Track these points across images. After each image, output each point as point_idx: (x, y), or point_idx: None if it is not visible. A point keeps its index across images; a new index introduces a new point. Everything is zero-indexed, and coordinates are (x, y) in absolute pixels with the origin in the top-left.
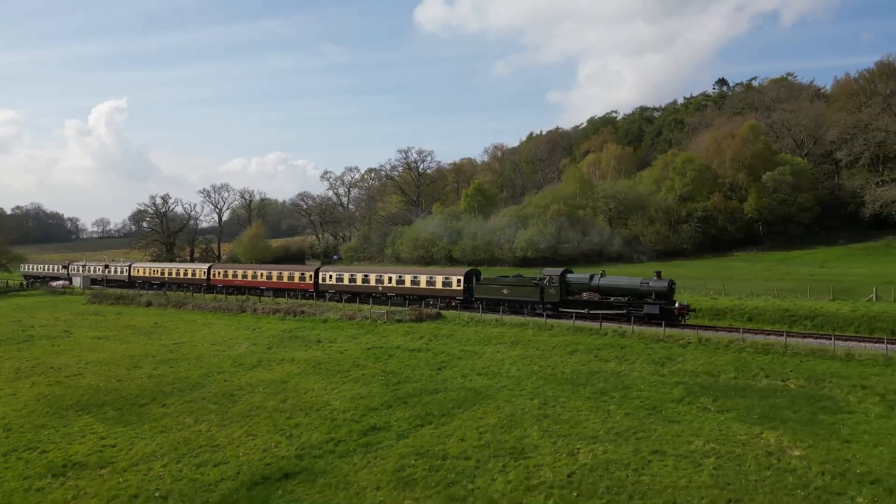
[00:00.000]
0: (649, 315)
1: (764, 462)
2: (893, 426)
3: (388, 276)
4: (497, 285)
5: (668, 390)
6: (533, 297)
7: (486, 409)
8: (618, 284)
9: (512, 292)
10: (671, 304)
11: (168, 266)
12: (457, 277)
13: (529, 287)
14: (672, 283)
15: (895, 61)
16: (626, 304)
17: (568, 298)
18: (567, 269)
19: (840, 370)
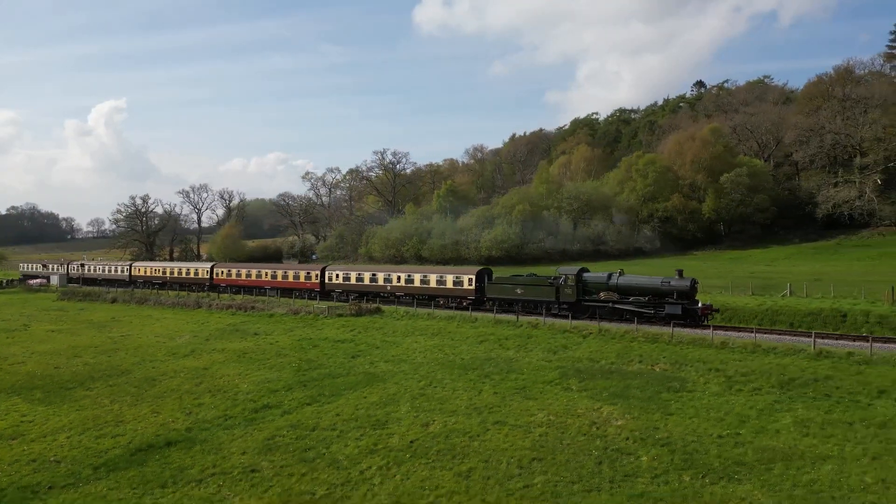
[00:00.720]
0: (671, 315)
1: (584, 430)
2: (720, 402)
3: (396, 275)
4: (510, 285)
5: (545, 373)
6: (548, 296)
7: (373, 390)
8: (637, 284)
9: (526, 292)
10: (694, 304)
11: (170, 265)
12: (468, 276)
13: (544, 287)
14: (695, 282)
15: (854, 66)
16: (646, 304)
17: (585, 298)
18: (583, 267)
19: (707, 356)
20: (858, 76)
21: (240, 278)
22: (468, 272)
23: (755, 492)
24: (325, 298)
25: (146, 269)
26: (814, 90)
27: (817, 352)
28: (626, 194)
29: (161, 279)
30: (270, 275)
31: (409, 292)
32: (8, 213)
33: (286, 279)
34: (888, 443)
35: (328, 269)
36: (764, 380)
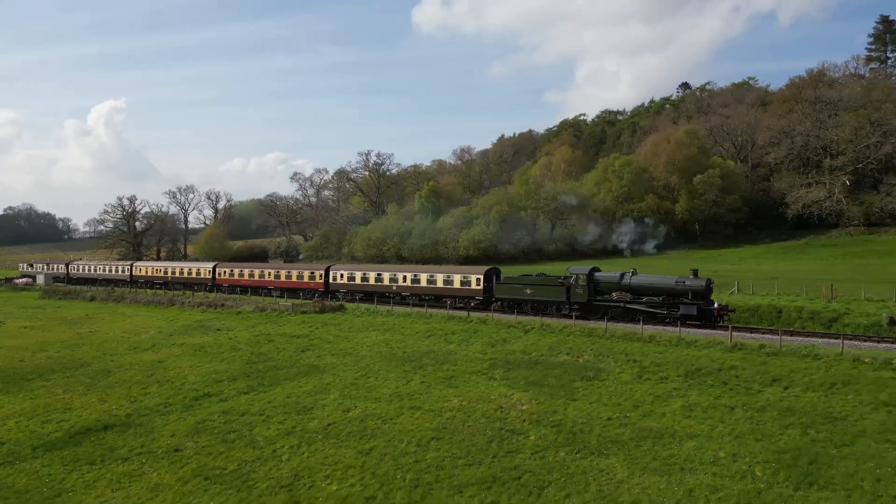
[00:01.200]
0: (686, 316)
1: (489, 413)
2: (624, 389)
3: (402, 274)
4: (519, 284)
5: (476, 365)
6: (558, 297)
7: (310, 380)
8: (651, 283)
9: (536, 292)
10: (710, 305)
11: (171, 265)
12: (476, 276)
13: (554, 287)
14: (710, 282)
15: (828, 69)
16: (660, 304)
17: (596, 298)
18: (595, 267)
19: (632, 349)
20: (831, 79)
21: (242, 278)
22: (476, 272)
23: (616, 464)
24: (330, 298)
25: (148, 269)
26: (787, 93)
27: (733, 344)
28: (602, 195)
29: (162, 279)
30: (274, 275)
31: (415, 292)
32: (5, 214)
33: (289, 279)
34: (757, 423)
35: (332, 268)
36: (673, 369)
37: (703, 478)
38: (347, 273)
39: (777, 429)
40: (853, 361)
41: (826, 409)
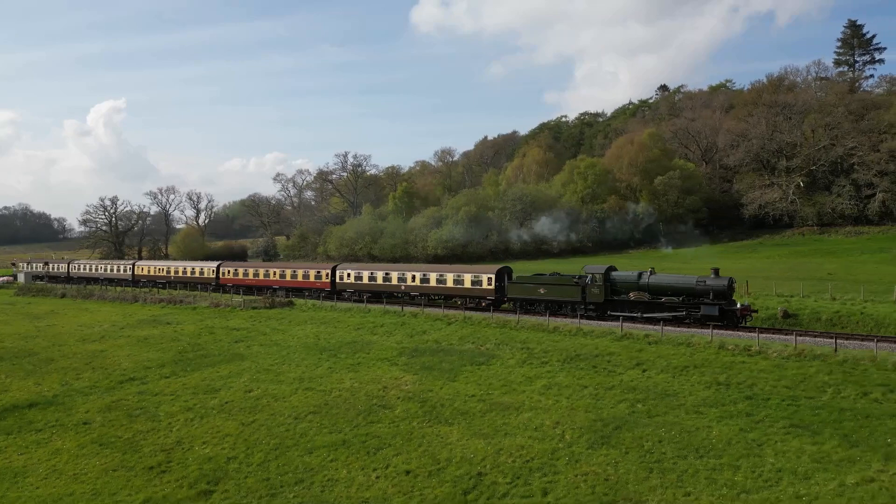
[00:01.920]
0: (707, 317)
1: (372, 392)
2: (504, 372)
3: (411, 274)
4: (533, 284)
5: (387, 353)
6: (573, 296)
7: (230, 367)
8: (670, 283)
9: (550, 292)
10: (732, 305)
11: (174, 264)
12: (487, 276)
13: (569, 286)
14: (732, 282)
15: (790, 74)
16: (680, 304)
17: (613, 298)
18: (611, 266)
19: (532, 338)
20: (790, 84)
21: (247, 278)
22: (487, 271)
23: (455, 431)
24: (337, 298)
25: (150, 269)
26: (747, 97)
27: (624, 334)
28: (567, 196)
29: (165, 279)
30: (279, 274)
31: (424, 292)
32: (1, 214)
33: (295, 279)
34: (596, 399)
35: (339, 267)
36: (556, 355)
37: (518, 440)
38: (354, 272)
39: (610, 403)
40: (718, 348)
41: (665, 388)
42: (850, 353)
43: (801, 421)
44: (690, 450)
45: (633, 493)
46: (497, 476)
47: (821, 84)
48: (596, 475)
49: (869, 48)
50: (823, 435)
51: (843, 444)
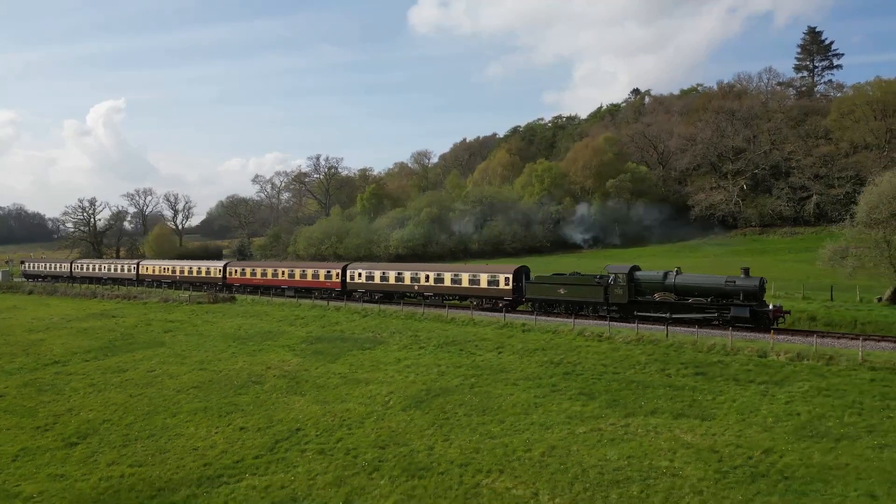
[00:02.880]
0: (738, 318)
1: (255, 372)
2: (379, 355)
3: (425, 273)
4: (552, 284)
5: (292, 341)
6: (595, 297)
7: (147, 353)
8: (698, 283)
9: (570, 292)
10: (763, 306)
11: (180, 264)
12: (504, 276)
13: (591, 287)
14: (763, 282)
15: (742, 80)
16: (708, 305)
17: (637, 299)
18: (635, 265)
19: (426, 327)
20: (739, 90)
21: (255, 277)
22: (504, 271)
23: (302, 399)
24: (346, 299)
25: (155, 269)
26: (698, 103)
27: (505, 323)
28: (526, 198)
29: (170, 278)
30: (288, 274)
31: (438, 292)
32: None
33: (304, 278)
34: (439, 374)
35: (350, 267)
36: (436, 341)
37: (348, 405)
38: (366, 272)
39: (448, 378)
40: (577, 335)
41: (503, 366)
42: (677, 338)
43: (589, 390)
44: (480, 411)
45: (404, 439)
46: (311, 430)
47: (769, 91)
48: (388, 429)
49: (827, 54)
50: (598, 400)
51: (605, 405)
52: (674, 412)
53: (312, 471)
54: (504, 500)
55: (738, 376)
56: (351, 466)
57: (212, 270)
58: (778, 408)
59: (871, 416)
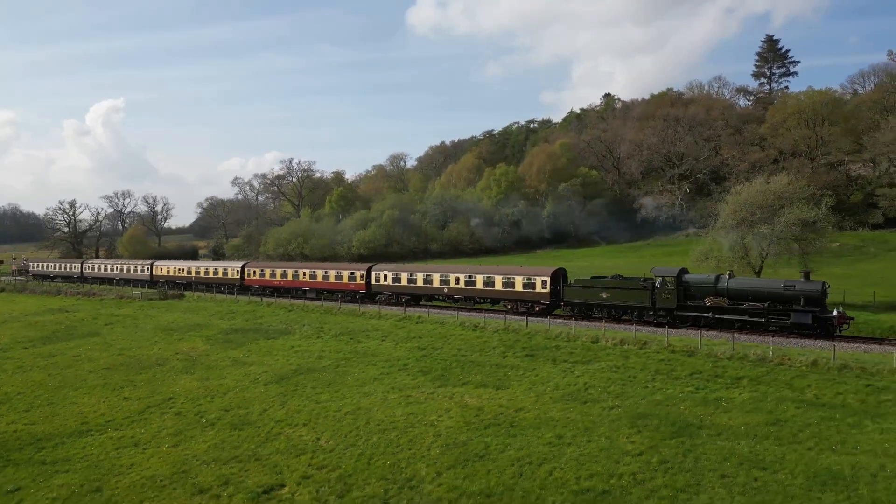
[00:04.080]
0: (798, 325)
1: (164, 356)
2: (281, 344)
3: (455, 276)
4: (594, 288)
5: (212, 332)
6: (641, 301)
7: (82, 342)
8: (753, 287)
9: (613, 296)
10: (826, 312)
11: (196, 265)
12: (541, 279)
13: (636, 290)
14: (825, 286)
15: (695, 87)
16: (765, 311)
17: (687, 304)
18: (684, 268)
19: (335, 320)
20: (687, 98)
21: (274, 279)
22: (541, 273)
23: (188, 378)
24: (370, 302)
25: (169, 269)
26: (648, 110)
27: (404, 317)
28: (485, 201)
29: (185, 279)
30: (309, 275)
31: (469, 295)
32: None
33: (326, 280)
34: (318, 358)
35: (375, 268)
36: (335, 331)
37: (225, 382)
38: (392, 273)
39: (325, 361)
40: (459, 325)
41: (376, 350)
42: (534, 326)
43: (429, 368)
44: (325, 384)
45: (247, 405)
46: (180, 399)
47: (714, 98)
48: (241, 398)
49: (784, 61)
50: (429, 375)
51: (431, 379)
52: (480, 384)
53: (162, 427)
54: (291, 440)
55: (558, 357)
56: (194, 423)
57: (229, 271)
58: (566, 380)
59: (632, 386)
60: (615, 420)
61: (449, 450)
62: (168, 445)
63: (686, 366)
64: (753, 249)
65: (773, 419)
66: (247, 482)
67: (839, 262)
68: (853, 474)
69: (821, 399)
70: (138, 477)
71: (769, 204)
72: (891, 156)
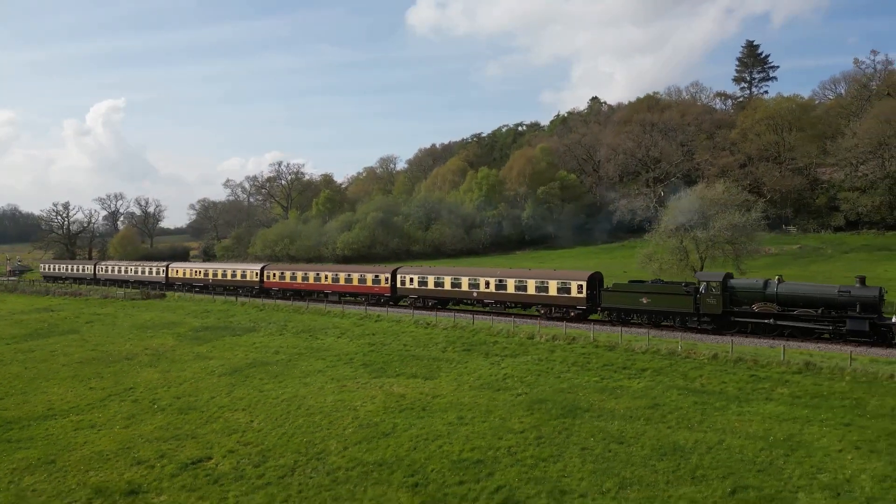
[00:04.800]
0: (854, 332)
1: (132, 351)
2: (246, 339)
3: (484, 279)
4: (634, 293)
5: (184, 329)
6: (684, 307)
7: (61, 338)
8: (805, 293)
9: (654, 301)
10: (884, 319)
11: (213, 266)
12: (577, 283)
13: (679, 296)
14: (882, 291)
15: (671, 93)
16: (818, 317)
17: (733, 310)
18: (729, 273)
19: (298, 318)
20: (665, 103)
21: (294, 281)
22: (577, 277)
23: (151, 370)
24: (395, 305)
25: (185, 271)
26: (624, 115)
27: (364, 315)
28: (467, 203)
29: (202, 282)
30: (331, 278)
31: (500, 300)
32: None
33: (349, 283)
34: (274, 353)
35: (400, 272)
36: (297, 329)
37: (183, 374)
38: (418, 277)
39: (279, 356)
40: (412, 324)
41: (329, 346)
42: (479, 324)
43: (372, 361)
44: (273, 376)
45: (198, 393)
46: (140, 389)
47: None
48: (194, 387)
49: (764, 66)
50: (370, 367)
51: (370, 371)
52: (412, 375)
53: (118, 412)
54: (228, 423)
55: (491, 352)
56: (147, 409)
57: (248, 274)
58: (490, 371)
59: (546, 376)
60: (516, 405)
61: (361, 429)
62: (120, 427)
63: (602, 359)
64: (693, 252)
65: (653, 403)
66: (180, 456)
67: (795, 264)
68: (693, 447)
69: (705, 387)
70: (88, 452)
71: (704, 210)
72: (852, 161)
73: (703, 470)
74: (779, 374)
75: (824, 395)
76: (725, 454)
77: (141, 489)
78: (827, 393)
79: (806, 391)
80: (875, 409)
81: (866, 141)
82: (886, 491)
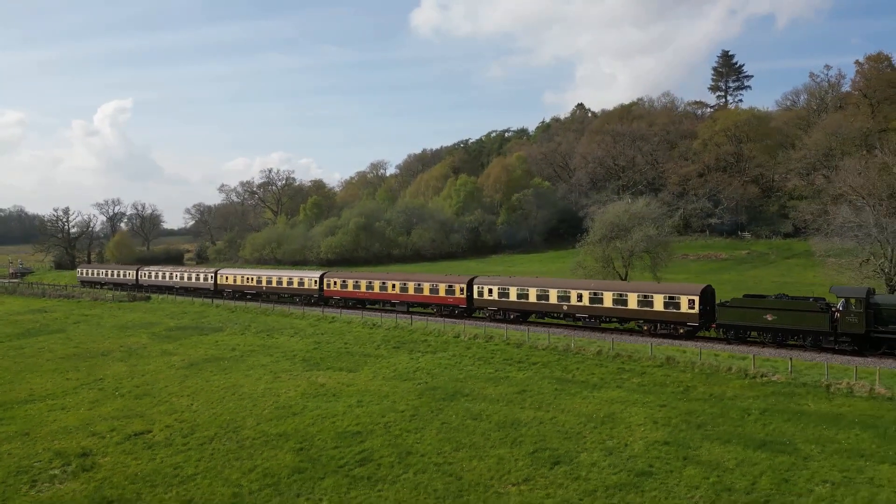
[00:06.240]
0: None
1: (108, 348)
2: (212, 338)
3: (576, 291)
4: (756, 309)
5: (160, 329)
6: (817, 325)
7: (48, 336)
8: None
9: (781, 319)
10: None
11: (267, 273)
12: (688, 297)
13: (812, 313)
14: None
15: (648, 101)
16: None
17: (878, 329)
18: (871, 288)
19: (267, 320)
20: (638, 112)
21: (358, 290)
22: (688, 291)
23: (119, 364)
24: (469, 318)
25: (236, 278)
26: (597, 125)
27: (324, 317)
28: (446, 209)
29: (254, 289)
30: (399, 287)
31: (594, 314)
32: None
33: (420, 293)
34: (230, 350)
35: (476, 281)
36: (256, 329)
37: (148, 367)
38: (498, 288)
39: (235, 351)
40: (361, 325)
41: (283, 345)
42: (417, 325)
43: (311, 357)
44: (223, 370)
45: (156, 382)
46: (108, 379)
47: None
48: (154, 378)
49: (739, 76)
50: (308, 362)
51: (307, 365)
52: (341, 368)
53: (85, 398)
54: (173, 405)
55: (416, 348)
56: (110, 395)
57: (306, 281)
58: (406, 365)
59: (451, 369)
60: (411, 391)
61: (277, 410)
62: (84, 409)
63: (505, 354)
64: (616, 259)
65: (521, 390)
66: (127, 429)
67: (736, 269)
68: (528, 422)
69: (576, 378)
70: (56, 427)
71: (625, 223)
72: (801, 171)
73: (522, 437)
74: (642, 367)
75: (665, 384)
76: (549, 427)
77: (91, 452)
78: (669, 382)
79: (654, 381)
80: (696, 395)
81: (814, 152)
82: (647, 450)
